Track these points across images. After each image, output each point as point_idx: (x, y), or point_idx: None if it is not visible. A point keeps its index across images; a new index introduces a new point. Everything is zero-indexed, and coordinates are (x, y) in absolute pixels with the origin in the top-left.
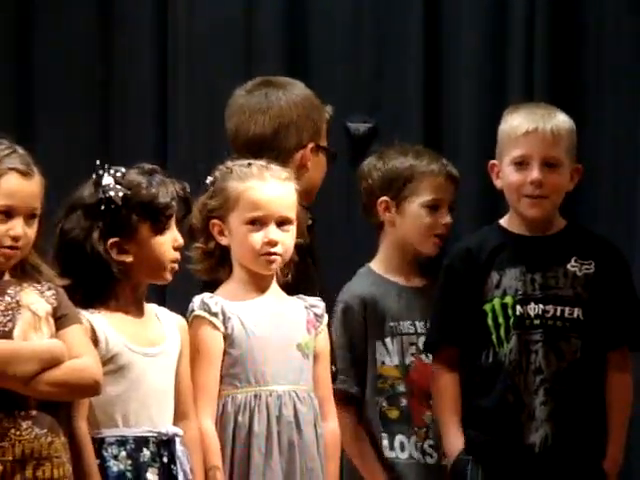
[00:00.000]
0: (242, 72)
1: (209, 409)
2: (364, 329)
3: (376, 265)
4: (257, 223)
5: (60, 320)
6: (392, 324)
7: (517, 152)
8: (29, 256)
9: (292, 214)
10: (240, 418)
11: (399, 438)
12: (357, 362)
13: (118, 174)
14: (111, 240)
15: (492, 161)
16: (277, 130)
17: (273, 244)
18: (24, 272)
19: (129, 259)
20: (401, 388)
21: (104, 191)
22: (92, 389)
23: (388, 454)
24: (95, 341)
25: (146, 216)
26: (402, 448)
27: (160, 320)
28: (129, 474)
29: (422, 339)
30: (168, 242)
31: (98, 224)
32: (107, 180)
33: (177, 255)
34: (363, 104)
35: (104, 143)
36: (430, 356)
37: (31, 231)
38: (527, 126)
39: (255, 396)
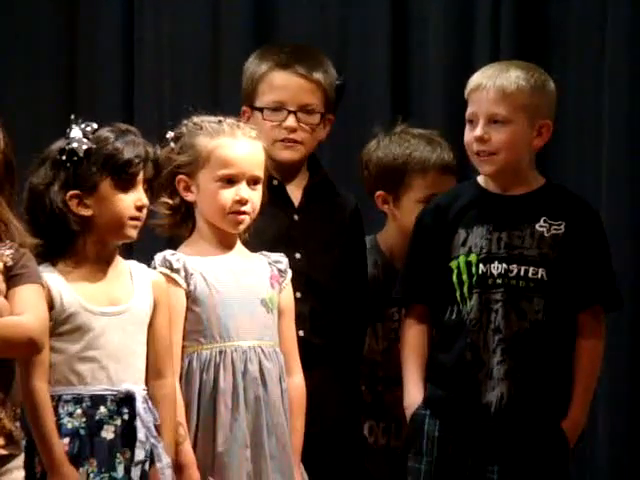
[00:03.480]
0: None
1: (174, 367)
2: None
3: (382, 242)
4: (228, 181)
5: (13, 279)
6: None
7: (468, 110)
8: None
9: (261, 173)
10: (205, 374)
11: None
12: None
13: (88, 128)
14: (71, 192)
15: None
16: None
17: (244, 202)
18: None
19: (88, 213)
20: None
21: (68, 142)
22: (26, 346)
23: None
24: (50, 301)
25: (108, 171)
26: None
27: (132, 277)
28: (82, 431)
29: None
30: (129, 200)
31: (60, 176)
32: (75, 133)
33: (139, 214)
34: None
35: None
36: None
37: None
38: (473, 84)
39: (220, 352)
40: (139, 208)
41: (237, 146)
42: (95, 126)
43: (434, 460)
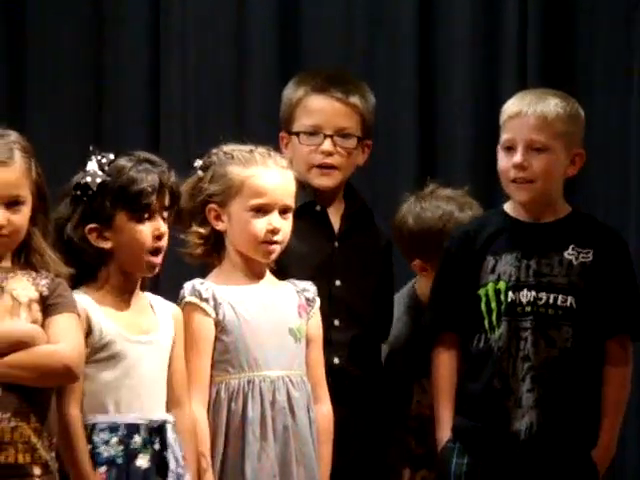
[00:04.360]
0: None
1: (201, 396)
2: None
3: (422, 295)
4: (261, 210)
5: (49, 308)
6: None
7: (505, 136)
8: (34, 241)
9: (292, 202)
10: (233, 404)
11: None
12: None
13: (104, 160)
14: (89, 226)
15: (499, 146)
16: None
17: (276, 232)
18: (26, 258)
19: (108, 245)
20: None
21: (83, 177)
22: (61, 375)
23: None
24: (89, 329)
25: (121, 203)
26: None
27: (154, 309)
28: (119, 460)
29: None
30: (146, 231)
31: (77, 210)
32: (90, 165)
33: (159, 244)
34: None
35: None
36: None
37: (18, 218)
38: (513, 110)
39: (248, 382)
40: (158, 237)
41: (269, 176)
42: (111, 157)
43: None
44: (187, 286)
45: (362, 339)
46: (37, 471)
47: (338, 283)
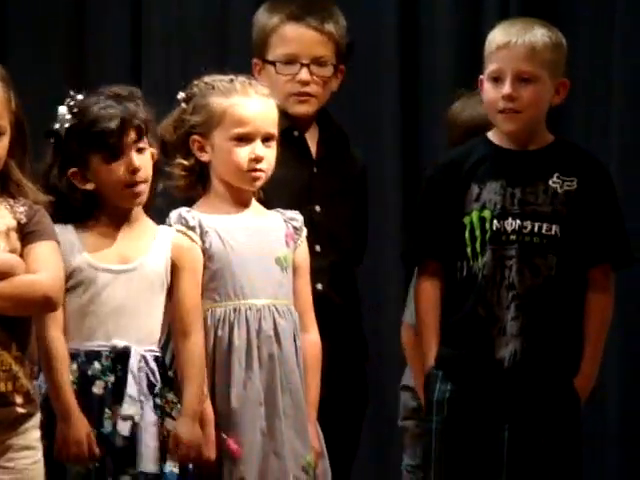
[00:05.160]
0: None
1: None
2: None
3: None
4: (243, 139)
5: (28, 236)
6: None
7: (492, 67)
8: (11, 172)
9: (275, 130)
10: (220, 332)
11: None
12: None
13: (72, 102)
14: (70, 171)
15: (480, 76)
16: None
17: (259, 160)
18: (5, 188)
19: (91, 187)
20: None
21: (54, 123)
22: (41, 304)
23: None
24: None
25: (89, 145)
26: None
27: (156, 239)
28: (74, 386)
29: None
30: (119, 169)
31: (57, 157)
32: (61, 110)
33: (135, 178)
34: None
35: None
36: None
37: None
38: (500, 40)
39: (234, 310)
40: (133, 172)
41: (250, 104)
42: (79, 97)
43: (444, 420)
44: (173, 215)
45: (340, 265)
46: (19, 399)
47: (318, 209)
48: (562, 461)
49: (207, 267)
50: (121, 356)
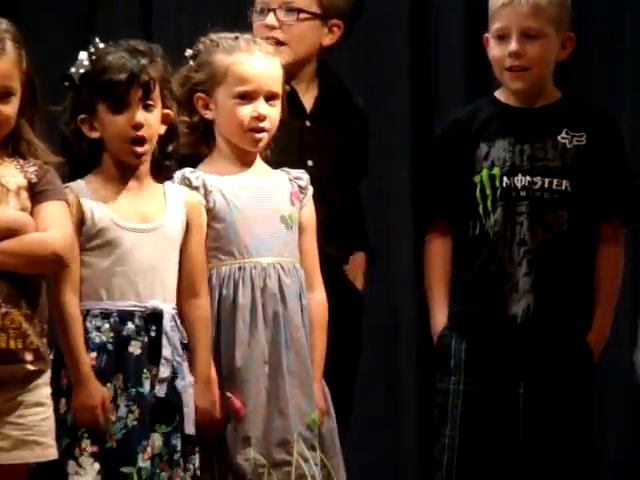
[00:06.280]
0: None
1: None
2: None
3: None
4: (246, 97)
5: (37, 195)
6: None
7: (497, 25)
8: (22, 131)
9: (279, 89)
10: (224, 290)
11: None
12: None
13: (93, 49)
14: (80, 117)
15: (486, 34)
16: None
17: (262, 119)
18: (16, 148)
19: (97, 135)
20: None
21: (71, 68)
22: (51, 262)
23: None
24: (81, 216)
25: (97, 93)
26: None
27: (166, 197)
28: (110, 346)
29: None
30: (122, 121)
31: (70, 102)
32: (81, 56)
33: (137, 134)
34: None
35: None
36: None
37: (8, 108)
38: None
39: (239, 268)
40: (135, 127)
41: (254, 62)
42: (101, 46)
43: (461, 380)
44: (177, 175)
45: (331, 222)
46: (29, 357)
47: (310, 163)
48: (574, 416)
49: (211, 226)
50: (152, 316)
